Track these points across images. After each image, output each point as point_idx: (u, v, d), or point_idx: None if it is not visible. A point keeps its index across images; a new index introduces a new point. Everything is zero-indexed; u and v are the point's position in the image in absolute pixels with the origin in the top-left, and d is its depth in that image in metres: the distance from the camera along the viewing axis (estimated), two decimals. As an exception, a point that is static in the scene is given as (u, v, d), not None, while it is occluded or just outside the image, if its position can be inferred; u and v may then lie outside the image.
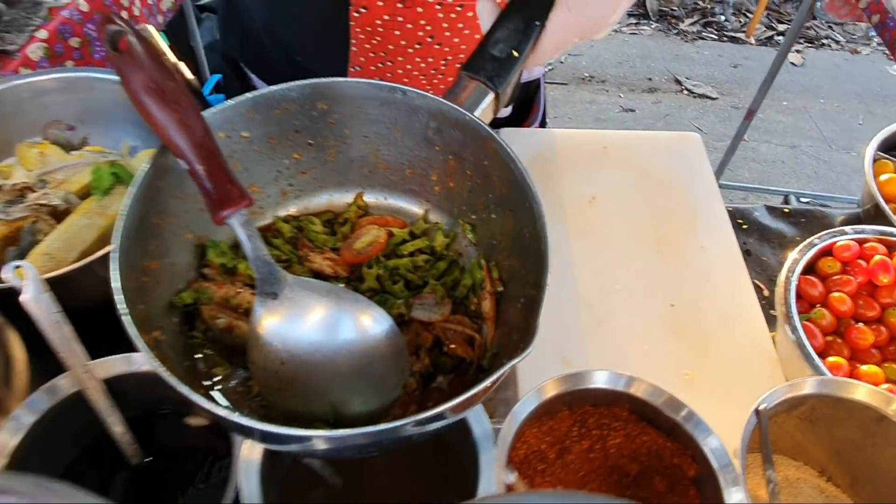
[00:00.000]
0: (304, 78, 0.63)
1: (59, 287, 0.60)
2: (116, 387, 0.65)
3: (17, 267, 0.58)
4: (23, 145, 0.96)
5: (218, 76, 2.36)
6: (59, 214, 0.86)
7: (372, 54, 0.93)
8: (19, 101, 0.96)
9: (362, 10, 0.85)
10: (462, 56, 0.94)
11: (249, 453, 0.58)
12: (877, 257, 0.85)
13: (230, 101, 0.63)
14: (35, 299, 0.58)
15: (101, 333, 0.64)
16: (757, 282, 1.00)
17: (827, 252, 0.88)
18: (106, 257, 0.74)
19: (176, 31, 2.36)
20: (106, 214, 0.87)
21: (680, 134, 1.14)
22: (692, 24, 4.03)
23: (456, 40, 0.91)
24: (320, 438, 0.45)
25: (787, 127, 3.33)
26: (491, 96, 0.60)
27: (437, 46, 0.91)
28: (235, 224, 0.54)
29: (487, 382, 0.46)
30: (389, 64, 0.93)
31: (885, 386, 0.75)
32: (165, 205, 0.61)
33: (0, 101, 0.94)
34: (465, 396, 0.46)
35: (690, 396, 0.64)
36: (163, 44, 0.87)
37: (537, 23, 0.60)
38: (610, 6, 0.58)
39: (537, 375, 0.66)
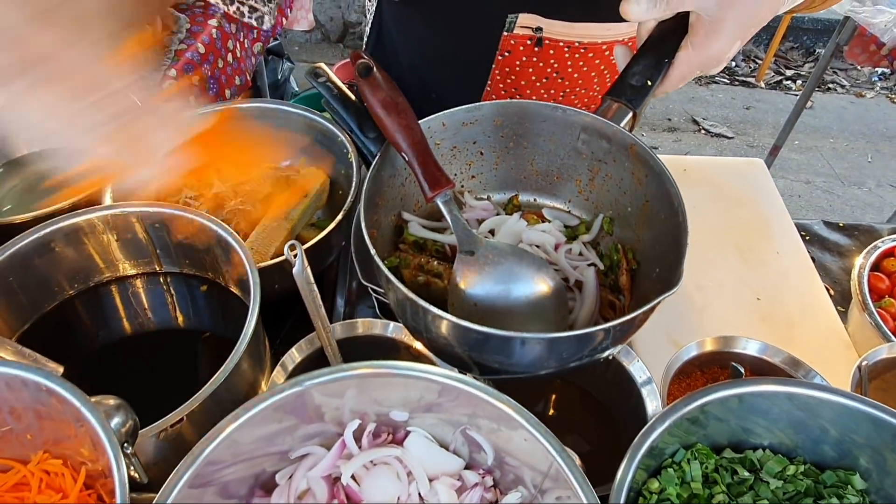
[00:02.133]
0: (435, 111, 0.79)
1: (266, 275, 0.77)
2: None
3: (291, 246, 0.75)
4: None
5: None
6: (251, 218, 1.03)
7: (504, 92, 1.12)
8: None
9: (506, 54, 1.04)
10: (578, 89, 1.13)
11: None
12: (932, 257, 1.02)
13: (433, 116, 0.82)
14: (301, 272, 0.75)
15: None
16: (826, 285, 1.17)
17: (889, 254, 1.06)
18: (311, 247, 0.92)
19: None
20: (289, 219, 1.04)
21: (747, 159, 1.33)
22: (705, 69, 4.29)
23: (576, 76, 1.10)
24: (535, 339, 0.57)
25: (801, 164, 3.56)
26: (630, 114, 0.73)
27: (560, 80, 1.10)
28: (440, 202, 0.72)
29: (646, 308, 0.59)
30: (518, 96, 1.12)
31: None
32: (383, 189, 0.79)
33: (189, 125, 1.12)
34: (632, 316, 0.58)
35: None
36: (337, 79, 1.06)
37: (667, 60, 0.72)
38: (727, 46, 0.70)
39: (652, 352, 0.82)
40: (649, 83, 0.73)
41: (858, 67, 4.19)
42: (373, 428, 0.54)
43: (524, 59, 1.05)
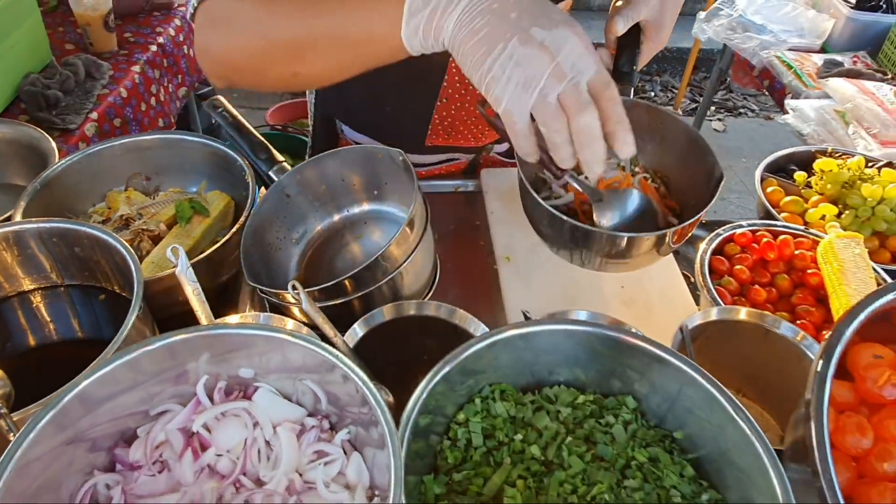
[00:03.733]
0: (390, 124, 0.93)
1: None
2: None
3: (173, 248, 0.84)
4: (112, 192, 1.23)
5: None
6: (155, 237, 1.12)
7: (458, 96, 1.22)
8: (112, 158, 1.23)
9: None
10: None
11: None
12: (764, 240, 1.17)
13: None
14: (183, 271, 0.84)
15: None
16: (685, 273, 1.31)
17: (730, 240, 1.20)
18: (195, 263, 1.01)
19: (179, 115, 2.68)
20: (191, 236, 1.13)
21: (619, 169, 1.48)
22: (627, 99, 4.57)
23: None
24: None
25: (717, 183, 3.81)
26: (631, 89, 1.01)
27: None
28: (567, 177, 0.84)
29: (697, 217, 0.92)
30: (470, 88, 1.21)
31: (775, 323, 1.06)
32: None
33: (98, 158, 1.21)
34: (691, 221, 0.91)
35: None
36: (232, 109, 1.17)
37: (636, 50, 1.02)
38: (668, 33, 1.01)
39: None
40: (634, 68, 1.04)
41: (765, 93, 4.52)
42: (224, 385, 0.63)
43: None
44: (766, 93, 2.07)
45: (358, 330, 0.90)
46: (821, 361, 0.59)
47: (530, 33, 0.61)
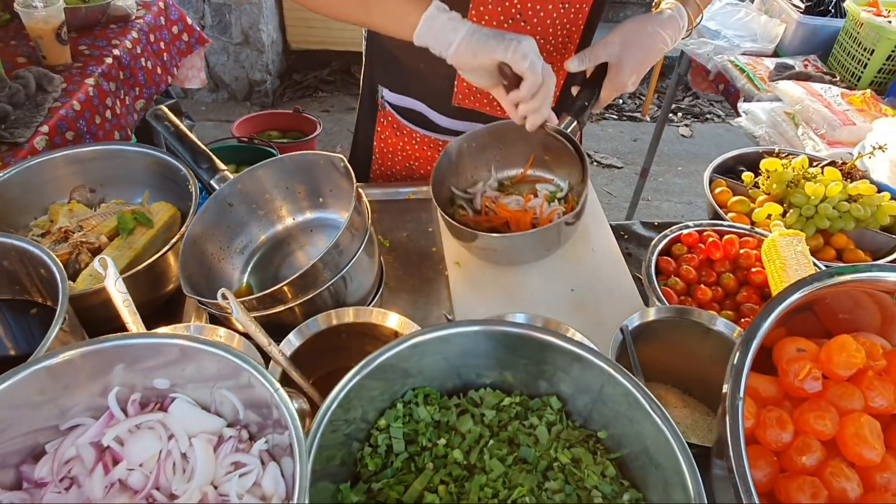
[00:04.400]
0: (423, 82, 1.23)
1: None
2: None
3: (101, 260, 0.82)
4: (54, 205, 1.20)
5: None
6: (95, 249, 1.10)
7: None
8: (53, 170, 1.20)
9: None
10: (538, 38, 1.26)
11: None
12: (710, 240, 1.18)
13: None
14: (112, 284, 0.82)
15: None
16: (637, 274, 1.31)
17: (678, 241, 1.21)
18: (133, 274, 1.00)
19: (140, 127, 2.64)
20: (133, 248, 1.11)
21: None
22: (596, 107, 4.62)
23: (535, 20, 1.23)
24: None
25: (683, 187, 3.85)
26: (575, 124, 1.15)
27: (523, 24, 1.23)
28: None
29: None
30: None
31: (719, 322, 1.06)
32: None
33: (38, 171, 1.19)
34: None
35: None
36: (174, 118, 1.16)
37: (597, 90, 1.16)
38: (627, 78, 1.12)
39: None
40: (587, 104, 1.17)
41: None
42: (139, 397, 0.62)
43: None
44: (720, 95, 2.10)
45: (293, 339, 0.89)
46: (737, 354, 0.59)
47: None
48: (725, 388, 0.59)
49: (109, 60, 2.03)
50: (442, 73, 1.27)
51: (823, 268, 1.15)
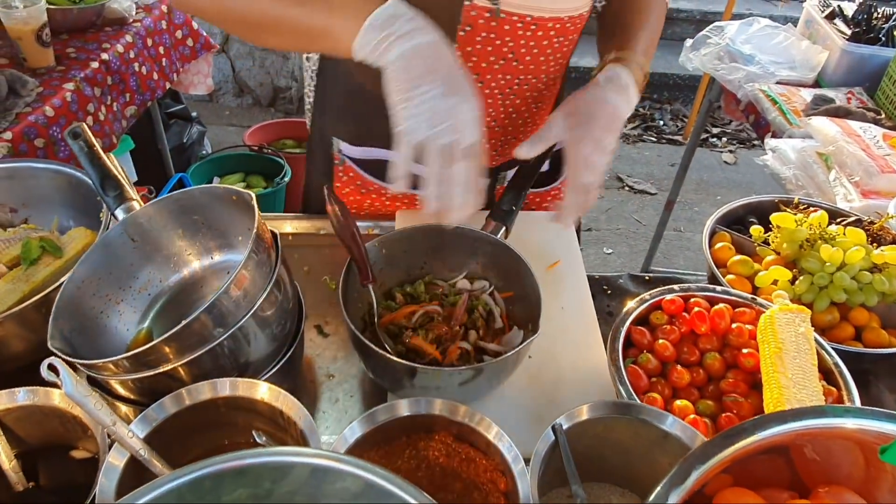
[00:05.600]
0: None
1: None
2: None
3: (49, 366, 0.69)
4: (-34, 225, 1.10)
5: (179, 175, 2.56)
6: (-12, 281, 0.99)
7: None
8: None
9: (467, 29, 1.01)
10: (530, 76, 1.12)
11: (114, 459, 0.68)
12: (696, 309, 0.99)
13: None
14: (73, 391, 0.69)
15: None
16: (615, 339, 1.13)
17: (658, 307, 1.02)
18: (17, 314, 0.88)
19: (143, 134, 2.58)
20: (31, 281, 1.00)
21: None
22: (633, 128, 4.38)
23: (528, 58, 1.08)
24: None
25: (720, 219, 3.59)
26: (503, 228, 1.07)
27: (514, 63, 1.08)
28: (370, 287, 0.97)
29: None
30: (478, 83, 1.10)
31: (692, 417, 0.88)
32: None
33: (-50, 188, 1.09)
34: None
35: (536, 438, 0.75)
36: (93, 138, 1.04)
37: (523, 192, 1.10)
38: (595, 155, 0.96)
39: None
40: (514, 208, 1.09)
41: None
42: None
43: (483, 34, 1.02)
44: (750, 126, 1.88)
45: (153, 413, 0.75)
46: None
47: (451, 88, 0.79)
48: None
49: (95, 65, 1.95)
50: None
51: (830, 352, 0.95)
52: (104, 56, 2.00)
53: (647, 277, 1.27)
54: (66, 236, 1.09)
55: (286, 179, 2.84)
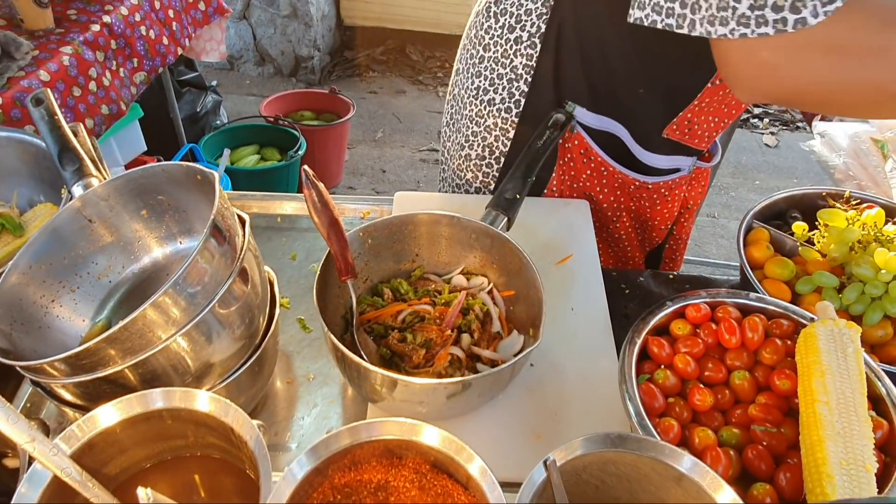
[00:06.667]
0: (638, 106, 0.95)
1: None
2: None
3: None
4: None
5: (190, 145, 2.48)
6: (-59, 261, 0.91)
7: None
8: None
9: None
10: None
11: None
12: (724, 320, 0.86)
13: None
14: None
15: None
16: (631, 345, 1.00)
17: (681, 314, 0.89)
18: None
19: (154, 102, 2.50)
20: (-15, 261, 0.91)
21: (574, 202, 1.18)
22: (670, 106, 4.16)
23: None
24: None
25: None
26: (505, 220, 0.96)
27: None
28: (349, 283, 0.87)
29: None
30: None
31: (714, 450, 0.75)
32: None
33: None
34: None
35: (536, 458, 0.64)
36: (56, 107, 0.94)
37: (530, 178, 1.02)
38: None
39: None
40: (518, 197, 0.99)
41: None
42: None
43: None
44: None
45: (84, 427, 0.65)
46: None
47: None
48: None
49: (97, 28, 1.86)
50: (676, 97, 1.09)
51: (881, 375, 0.81)
52: (106, 18, 1.90)
53: (671, 276, 1.13)
54: (31, 213, 1.01)
55: (300, 152, 2.74)
